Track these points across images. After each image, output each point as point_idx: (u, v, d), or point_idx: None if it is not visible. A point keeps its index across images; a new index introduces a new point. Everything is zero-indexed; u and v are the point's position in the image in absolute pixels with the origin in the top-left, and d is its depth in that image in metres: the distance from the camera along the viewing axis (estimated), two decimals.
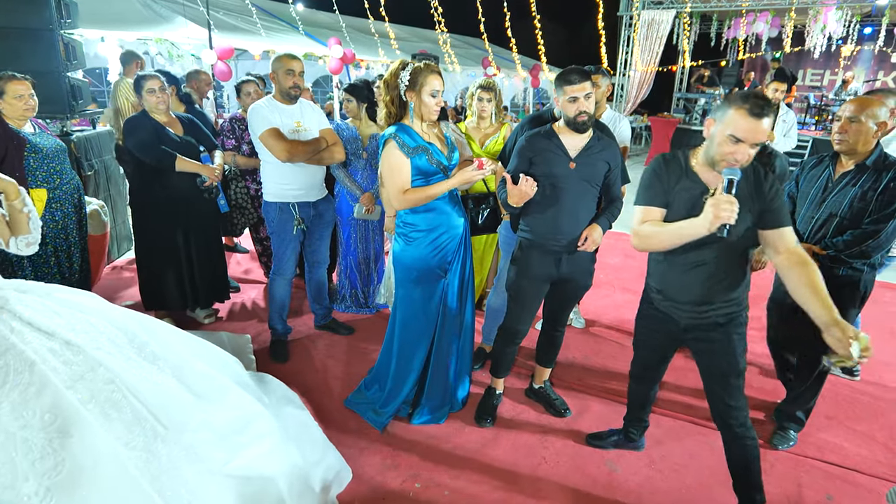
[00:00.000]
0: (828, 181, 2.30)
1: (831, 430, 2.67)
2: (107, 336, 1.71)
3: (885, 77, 12.82)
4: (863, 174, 2.20)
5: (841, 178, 2.26)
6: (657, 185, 1.86)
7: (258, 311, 3.80)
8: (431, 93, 2.24)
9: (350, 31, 9.30)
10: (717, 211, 1.59)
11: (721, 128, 1.68)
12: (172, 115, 3.19)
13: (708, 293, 1.86)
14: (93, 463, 1.38)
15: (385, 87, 2.31)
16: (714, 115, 1.73)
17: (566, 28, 16.47)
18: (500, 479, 2.29)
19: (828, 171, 2.31)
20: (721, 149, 1.68)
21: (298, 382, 2.89)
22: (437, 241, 2.40)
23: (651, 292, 2.06)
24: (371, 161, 3.48)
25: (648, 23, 11.04)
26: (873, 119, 2.13)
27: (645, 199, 1.89)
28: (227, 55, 6.39)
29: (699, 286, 1.86)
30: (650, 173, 1.89)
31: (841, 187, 2.24)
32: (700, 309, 1.89)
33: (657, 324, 2.07)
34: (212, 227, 3.39)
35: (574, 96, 2.17)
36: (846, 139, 2.19)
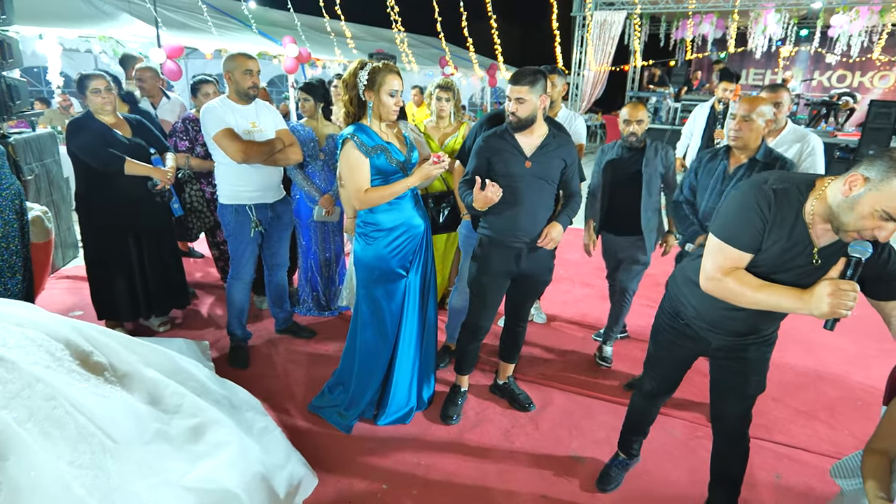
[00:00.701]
0: (724, 173, 2.46)
1: (778, 411, 2.81)
2: (46, 349, 1.62)
3: (821, 76, 13.55)
4: (754, 167, 2.37)
5: (736, 170, 2.42)
6: (757, 224, 1.47)
7: (216, 317, 3.70)
8: (390, 92, 2.24)
9: (305, 29, 9.15)
10: (837, 302, 1.32)
11: (874, 196, 1.28)
12: (119, 116, 3.07)
13: (754, 327, 1.71)
14: (32, 485, 1.30)
15: (344, 86, 2.30)
16: (869, 173, 1.30)
17: (522, 28, 16.69)
18: (467, 475, 2.31)
19: (723, 163, 2.47)
20: (862, 222, 1.31)
21: (260, 388, 2.83)
22: (398, 241, 2.40)
23: (685, 309, 1.84)
24: (329, 162, 3.44)
25: (601, 23, 11.32)
26: (762, 117, 2.32)
27: (733, 238, 1.51)
28: (176, 54, 6.18)
29: (746, 321, 1.69)
30: (752, 206, 1.48)
31: (737, 179, 2.41)
32: (743, 339, 1.75)
33: (684, 339, 1.89)
34: (165, 232, 3.29)
35: (508, 96, 2.28)
36: (741, 136, 2.35)
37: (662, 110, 12.20)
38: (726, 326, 1.73)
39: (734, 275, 1.52)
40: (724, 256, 1.54)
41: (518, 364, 3.09)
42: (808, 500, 2.22)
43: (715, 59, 12.45)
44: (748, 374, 1.78)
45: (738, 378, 1.81)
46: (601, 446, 2.50)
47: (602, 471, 2.31)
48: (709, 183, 2.50)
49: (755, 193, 1.48)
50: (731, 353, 1.79)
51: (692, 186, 2.60)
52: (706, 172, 2.53)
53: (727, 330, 1.74)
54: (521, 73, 2.24)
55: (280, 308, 3.40)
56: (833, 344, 3.46)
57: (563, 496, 2.21)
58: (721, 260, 1.54)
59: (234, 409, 2.31)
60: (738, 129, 2.34)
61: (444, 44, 10.94)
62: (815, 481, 2.32)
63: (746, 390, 1.82)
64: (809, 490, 2.28)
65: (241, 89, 2.78)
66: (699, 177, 2.56)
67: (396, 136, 2.41)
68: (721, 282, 1.54)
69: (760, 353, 1.77)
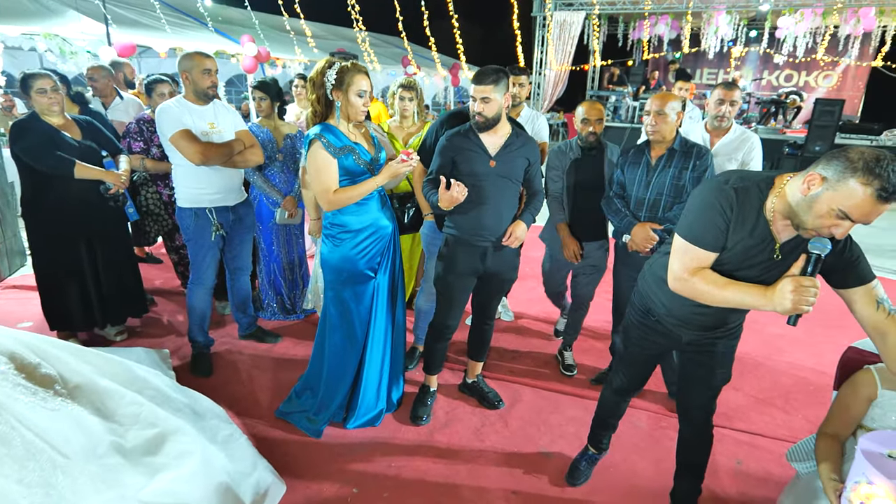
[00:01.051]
0: (648, 166, 2.57)
1: (737, 399, 2.91)
2: None
3: (770, 76, 14.11)
4: (673, 157, 2.52)
5: (658, 161, 2.54)
6: (720, 223, 1.50)
7: (176, 324, 3.59)
8: (358, 93, 2.21)
9: (264, 28, 8.96)
10: (799, 299, 1.35)
11: (831, 196, 1.31)
12: (67, 117, 2.94)
13: (722, 321, 1.76)
14: None
15: (311, 85, 2.26)
16: (826, 173, 1.33)
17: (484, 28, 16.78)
18: (439, 475, 2.30)
19: (645, 156, 2.59)
20: (820, 220, 1.35)
21: (225, 395, 2.76)
22: (366, 242, 2.37)
23: (655, 306, 1.85)
24: (287, 163, 3.38)
25: (561, 24, 11.49)
26: (674, 111, 2.48)
27: (698, 239, 1.54)
28: (128, 52, 5.95)
29: (715, 316, 1.73)
30: (714, 206, 1.51)
31: (660, 170, 2.53)
32: (712, 333, 1.79)
33: (656, 336, 1.91)
34: (120, 238, 3.16)
35: (473, 97, 2.28)
36: (658, 129, 2.49)
37: (622, 109, 12.48)
38: (696, 322, 1.76)
39: (700, 274, 1.55)
40: (690, 257, 1.56)
41: (486, 362, 3.11)
42: (767, 484, 2.31)
43: (671, 59, 12.80)
44: (714, 366, 1.84)
45: (704, 370, 1.86)
46: (569, 441, 2.53)
47: (571, 465, 2.34)
48: (635, 176, 2.60)
49: (717, 194, 1.51)
50: (700, 347, 1.83)
51: (620, 181, 2.68)
52: (631, 167, 2.63)
53: (697, 325, 1.77)
54: (484, 73, 2.25)
55: (243, 313, 3.32)
56: (786, 333, 3.60)
57: (534, 491, 2.23)
58: (687, 260, 1.57)
59: (196, 417, 2.24)
60: (655, 123, 2.49)
61: (407, 43, 10.90)
62: (773, 465, 2.41)
63: (713, 381, 1.87)
64: (768, 474, 2.36)
65: (199, 89, 2.70)
66: (626, 172, 2.65)
67: (364, 137, 2.38)
68: (688, 282, 1.57)
69: (727, 346, 1.83)
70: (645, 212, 2.57)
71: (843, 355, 1.87)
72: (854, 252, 1.49)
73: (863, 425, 1.67)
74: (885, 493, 1.35)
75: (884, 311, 1.47)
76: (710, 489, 2.25)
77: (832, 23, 10.45)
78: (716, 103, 2.91)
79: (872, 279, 1.49)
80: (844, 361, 1.86)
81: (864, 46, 11.89)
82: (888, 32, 10.88)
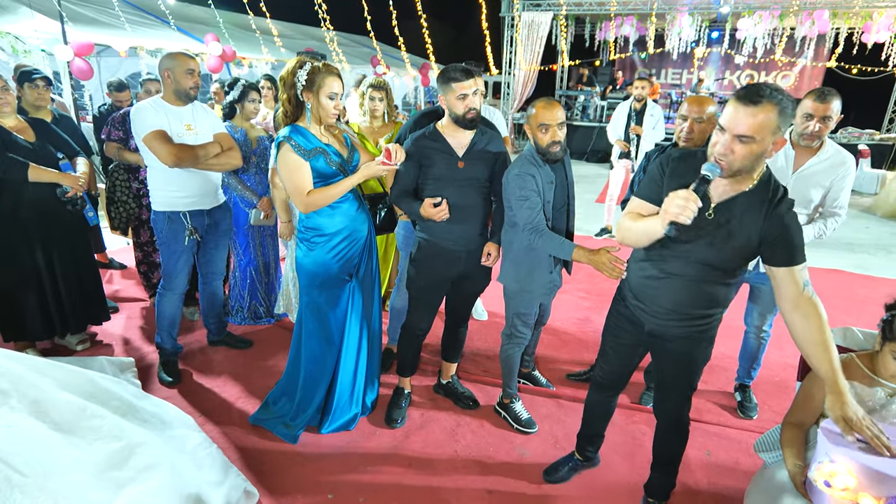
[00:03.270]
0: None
1: (707, 393, 2.98)
2: None
3: (731, 76, 14.53)
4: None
5: None
6: (656, 177, 1.71)
7: (141, 331, 3.48)
8: (329, 95, 2.17)
9: (228, 26, 8.77)
10: (667, 205, 1.45)
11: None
12: (20, 118, 2.82)
13: (677, 306, 1.73)
14: None
15: (282, 84, 2.21)
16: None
17: (453, 28, 16.80)
18: (414, 477, 2.29)
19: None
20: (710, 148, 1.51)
21: (195, 404, 2.69)
22: (341, 246, 2.34)
23: (625, 289, 1.91)
24: (260, 164, 3.32)
25: (529, 24, 11.59)
26: (711, 117, 2.40)
27: (639, 191, 1.76)
28: (85, 51, 5.75)
29: (668, 297, 1.73)
30: (655, 164, 1.74)
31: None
32: (666, 320, 1.77)
33: (625, 322, 1.93)
34: (79, 243, 3.04)
35: (464, 93, 2.20)
36: (692, 137, 2.43)
37: (590, 108, 12.67)
38: (648, 296, 1.79)
39: (627, 215, 1.75)
40: (631, 207, 1.79)
41: (461, 362, 3.11)
42: (736, 474, 2.37)
43: (637, 59, 13.06)
44: (675, 364, 1.86)
45: (668, 367, 1.89)
46: (544, 439, 2.55)
47: (553, 464, 2.33)
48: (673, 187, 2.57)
49: (661, 157, 1.77)
50: (663, 344, 1.84)
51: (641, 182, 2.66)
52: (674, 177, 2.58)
53: (651, 302, 1.78)
54: (459, 69, 2.20)
55: (214, 318, 3.24)
56: None
57: (510, 490, 2.24)
58: (628, 209, 1.79)
59: (164, 427, 2.17)
60: (692, 129, 2.41)
61: (375, 43, 10.82)
62: (742, 455, 2.47)
63: (677, 380, 1.90)
64: (736, 464, 2.42)
65: (181, 89, 2.64)
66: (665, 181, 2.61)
67: (336, 138, 2.34)
68: (621, 224, 1.77)
69: (688, 348, 1.80)
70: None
71: None
72: (790, 236, 1.54)
73: (825, 414, 1.72)
74: (846, 470, 1.41)
75: (807, 293, 1.55)
76: (682, 481, 2.29)
77: (789, 25, 10.82)
78: (803, 118, 2.35)
79: (800, 263, 1.55)
80: None
81: (819, 48, 12.35)
82: (841, 34, 11.32)
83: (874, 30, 9.95)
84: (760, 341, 2.77)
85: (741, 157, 1.45)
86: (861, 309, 4.17)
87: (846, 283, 4.78)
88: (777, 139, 1.45)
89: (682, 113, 2.44)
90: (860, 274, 5.04)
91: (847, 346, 1.87)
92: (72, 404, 1.77)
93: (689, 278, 1.67)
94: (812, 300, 1.54)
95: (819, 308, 1.54)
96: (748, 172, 1.51)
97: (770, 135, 1.43)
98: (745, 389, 2.88)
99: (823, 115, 2.30)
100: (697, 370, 1.86)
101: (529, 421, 2.61)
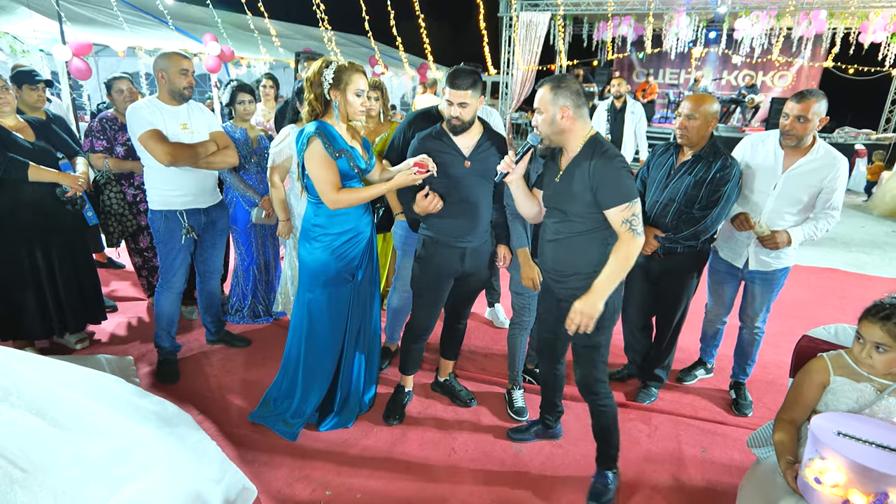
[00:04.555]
0: (671, 169, 2.58)
1: (702, 391, 3.00)
2: None
3: (729, 76, 14.56)
4: (697, 163, 2.49)
5: (681, 166, 2.55)
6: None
7: (140, 330, 3.49)
8: (356, 92, 2.19)
9: (226, 26, 8.78)
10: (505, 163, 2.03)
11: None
12: (20, 118, 2.83)
13: (556, 264, 2.06)
14: None
15: (308, 84, 2.23)
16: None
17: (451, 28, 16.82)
18: (412, 474, 2.30)
19: (671, 159, 2.60)
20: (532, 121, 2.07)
21: (194, 402, 2.71)
22: (346, 245, 2.36)
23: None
24: (261, 163, 3.33)
25: (527, 24, 11.60)
26: (707, 115, 2.43)
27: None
28: (84, 51, 5.76)
29: (551, 257, 2.08)
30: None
31: (680, 175, 2.53)
32: (558, 280, 2.08)
33: (548, 293, 2.23)
34: (78, 243, 3.05)
35: (450, 101, 2.23)
36: (686, 133, 2.47)
37: None
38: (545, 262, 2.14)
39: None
40: None
41: (459, 360, 3.13)
42: (731, 470, 2.39)
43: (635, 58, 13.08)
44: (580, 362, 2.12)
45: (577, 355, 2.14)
46: (541, 437, 2.56)
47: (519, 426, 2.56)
48: (657, 177, 2.60)
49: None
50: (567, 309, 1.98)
51: (643, 179, 2.69)
52: (656, 166, 2.63)
53: (548, 268, 2.13)
54: (460, 76, 2.19)
55: (212, 317, 3.26)
56: None
57: (507, 487, 2.25)
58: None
59: (163, 424, 2.18)
60: (683, 127, 2.46)
61: (374, 42, 10.84)
62: (736, 452, 2.50)
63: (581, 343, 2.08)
64: (731, 461, 2.45)
65: (175, 89, 2.66)
66: (651, 170, 2.66)
67: (358, 141, 2.37)
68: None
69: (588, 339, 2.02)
70: (655, 214, 2.57)
71: (797, 344, 1.95)
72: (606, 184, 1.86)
73: (817, 411, 1.75)
74: (836, 467, 1.43)
75: (623, 229, 1.86)
76: (678, 478, 2.32)
77: (786, 25, 10.85)
78: (783, 116, 2.44)
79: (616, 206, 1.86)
80: (799, 350, 1.94)
81: (816, 48, 12.37)
82: (838, 34, 11.36)
83: (871, 30, 9.98)
84: (755, 338, 2.80)
85: (540, 124, 1.96)
86: (856, 307, 4.18)
87: (841, 281, 4.81)
88: (559, 108, 1.90)
89: (679, 109, 2.51)
90: (855, 273, 5.07)
91: (839, 344, 1.89)
92: (71, 401, 1.78)
93: (564, 236, 2.02)
94: (626, 235, 1.86)
95: (628, 244, 1.86)
96: (555, 136, 1.96)
97: (551, 105, 1.92)
98: (739, 387, 2.91)
99: (798, 114, 2.35)
100: (595, 334, 2.00)
101: (521, 409, 2.72)
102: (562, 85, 1.91)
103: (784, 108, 2.43)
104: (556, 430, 2.56)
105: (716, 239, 2.66)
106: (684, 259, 2.62)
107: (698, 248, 2.61)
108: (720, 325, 2.98)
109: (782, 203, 2.52)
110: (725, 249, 2.75)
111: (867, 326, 1.66)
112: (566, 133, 1.95)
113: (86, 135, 3.37)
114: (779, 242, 2.46)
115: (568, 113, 1.91)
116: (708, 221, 2.46)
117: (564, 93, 1.90)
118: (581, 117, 1.95)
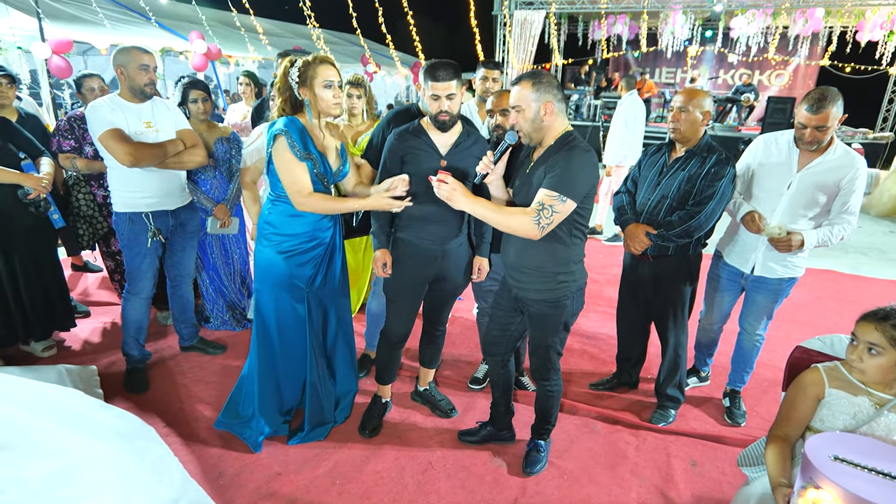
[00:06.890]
0: (663, 166, 2.48)
1: (695, 400, 2.88)
2: None
3: (725, 75, 14.47)
4: (691, 159, 2.39)
5: (674, 163, 2.45)
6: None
7: (113, 336, 3.36)
8: (325, 84, 2.06)
9: (212, 24, 8.64)
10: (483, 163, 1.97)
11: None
12: None
13: (519, 260, 2.04)
14: None
15: (278, 91, 2.12)
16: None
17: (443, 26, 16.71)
18: (386, 490, 2.18)
19: (664, 157, 2.50)
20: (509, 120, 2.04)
21: (162, 412, 2.59)
22: (297, 249, 2.24)
23: None
24: (221, 168, 3.18)
25: (521, 22, 11.50)
26: (699, 108, 2.33)
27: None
28: (64, 49, 5.62)
29: (513, 253, 2.07)
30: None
31: (673, 171, 2.42)
32: (515, 276, 2.07)
33: (502, 289, 2.26)
34: (43, 247, 2.93)
35: (436, 94, 2.10)
36: (678, 127, 2.37)
37: (583, 107, 12.59)
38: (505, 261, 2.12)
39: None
40: None
41: (440, 368, 3.01)
42: (722, 485, 2.27)
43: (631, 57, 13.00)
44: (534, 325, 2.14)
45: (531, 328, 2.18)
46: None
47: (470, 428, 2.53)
48: (648, 175, 2.51)
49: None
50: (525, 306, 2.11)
51: (635, 178, 2.60)
52: (648, 165, 2.53)
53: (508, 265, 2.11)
54: (441, 68, 2.07)
55: (185, 323, 3.13)
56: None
57: (487, 501, 2.14)
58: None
59: (121, 440, 2.06)
60: (675, 120, 2.36)
61: (363, 41, 10.71)
62: (728, 465, 2.38)
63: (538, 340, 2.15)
64: (722, 475, 2.33)
65: (136, 86, 2.53)
66: (642, 169, 2.56)
67: (334, 147, 2.25)
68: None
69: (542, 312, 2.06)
70: (647, 212, 2.48)
71: (790, 356, 1.84)
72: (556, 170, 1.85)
73: (811, 427, 1.63)
74: (832, 497, 1.30)
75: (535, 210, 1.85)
76: (665, 494, 2.20)
77: (782, 23, 10.77)
78: (797, 125, 2.30)
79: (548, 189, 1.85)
80: (792, 362, 1.83)
81: (813, 46, 12.30)
82: (834, 33, 11.28)
83: (867, 28, 9.91)
84: (755, 344, 2.69)
85: (520, 121, 1.91)
86: (854, 311, 4.08)
87: (838, 284, 4.71)
88: (541, 104, 1.86)
89: (671, 104, 2.42)
90: (852, 274, 4.97)
91: (834, 355, 1.78)
92: (14, 419, 1.66)
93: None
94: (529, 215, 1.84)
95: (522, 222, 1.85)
96: (536, 133, 1.93)
97: (533, 102, 1.87)
98: (734, 395, 2.79)
99: (817, 125, 2.21)
100: (553, 333, 2.09)
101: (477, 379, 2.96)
102: (543, 80, 1.87)
103: (798, 118, 2.26)
104: (509, 435, 2.49)
105: (706, 244, 2.54)
106: (674, 263, 2.50)
107: (690, 252, 2.49)
108: (714, 334, 2.87)
109: (797, 204, 2.38)
110: (732, 254, 2.62)
111: (863, 327, 1.56)
112: (548, 129, 1.93)
113: (53, 134, 3.24)
114: (792, 244, 2.31)
115: (551, 108, 1.88)
116: (702, 216, 2.34)
117: (546, 88, 1.87)
118: (561, 112, 1.93)
